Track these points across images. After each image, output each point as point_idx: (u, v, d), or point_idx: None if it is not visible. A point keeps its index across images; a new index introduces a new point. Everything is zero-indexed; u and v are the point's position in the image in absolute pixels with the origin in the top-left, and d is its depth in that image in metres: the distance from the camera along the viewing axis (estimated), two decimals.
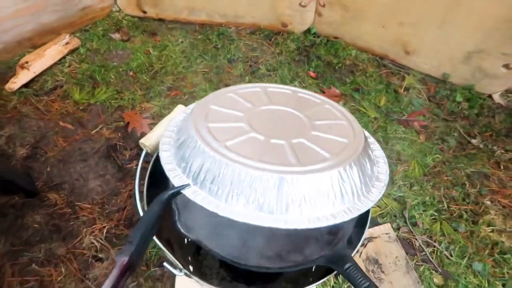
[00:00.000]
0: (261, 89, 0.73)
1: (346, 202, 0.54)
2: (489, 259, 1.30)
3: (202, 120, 0.61)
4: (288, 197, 0.52)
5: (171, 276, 1.21)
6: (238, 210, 0.52)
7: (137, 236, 0.47)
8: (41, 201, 1.35)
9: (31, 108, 1.60)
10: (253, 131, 0.60)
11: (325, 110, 0.68)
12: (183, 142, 0.61)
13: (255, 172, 0.51)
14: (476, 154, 1.58)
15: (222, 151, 0.54)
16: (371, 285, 0.62)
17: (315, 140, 0.59)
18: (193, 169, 0.56)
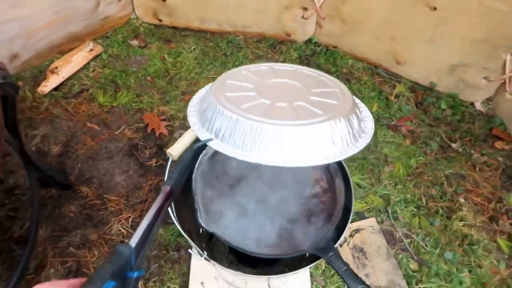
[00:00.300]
0: (268, 67, 0.88)
1: (337, 148, 0.67)
2: (459, 249, 1.51)
3: (221, 91, 0.76)
4: (290, 143, 0.64)
5: (187, 259, 1.43)
6: (251, 155, 0.65)
7: (175, 173, 0.64)
8: (74, 194, 1.56)
9: (61, 109, 1.81)
10: (262, 98, 0.74)
11: (321, 81, 0.83)
12: (206, 108, 0.74)
13: (263, 125, 0.64)
14: (455, 157, 1.78)
15: (237, 112, 0.68)
16: (348, 269, 0.83)
17: (311, 103, 0.72)
18: (215, 127, 0.70)
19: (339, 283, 1.39)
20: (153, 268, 1.40)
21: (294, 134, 0.64)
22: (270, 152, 0.65)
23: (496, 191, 1.68)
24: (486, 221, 1.59)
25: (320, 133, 0.66)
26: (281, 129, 0.64)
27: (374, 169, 1.70)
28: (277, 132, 0.64)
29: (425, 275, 1.43)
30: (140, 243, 0.48)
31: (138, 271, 0.45)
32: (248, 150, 0.65)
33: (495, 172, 1.74)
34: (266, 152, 0.65)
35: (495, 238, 1.54)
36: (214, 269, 1.38)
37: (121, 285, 0.41)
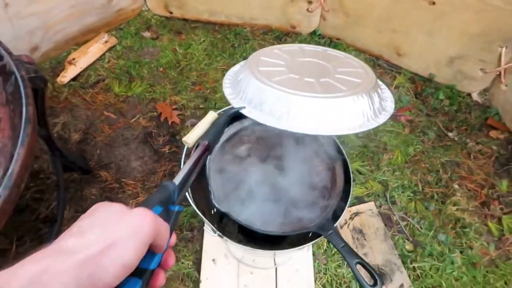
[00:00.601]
0: (299, 48, 0.96)
1: (358, 121, 0.73)
2: (452, 232, 1.62)
3: (255, 65, 0.83)
4: (315, 114, 0.70)
5: (199, 238, 1.55)
6: (279, 122, 0.72)
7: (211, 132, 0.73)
8: (94, 178, 1.69)
9: (80, 99, 1.92)
10: (291, 73, 0.80)
11: (347, 62, 0.90)
12: (240, 79, 0.82)
13: (291, 96, 0.71)
14: (451, 146, 1.88)
15: (269, 83, 0.75)
16: (345, 245, 0.94)
17: (337, 80, 0.78)
18: (248, 97, 0.77)
19: (339, 262, 1.51)
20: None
21: (319, 105, 0.70)
22: (296, 120, 0.70)
23: (489, 178, 1.78)
24: (478, 206, 1.70)
25: (343, 106, 0.71)
26: (307, 100, 0.70)
27: (374, 156, 1.81)
28: (303, 103, 0.71)
29: (419, 255, 1.55)
30: (182, 183, 0.54)
31: (179, 207, 0.49)
32: (277, 118, 0.72)
33: (488, 160, 1.84)
34: (293, 120, 0.70)
35: (486, 222, 1.65)
36: (224, 247, 1.50)
37: (165, 213, 0.46)
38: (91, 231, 0.38)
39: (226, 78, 0.91)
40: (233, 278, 1.44)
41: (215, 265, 1.47)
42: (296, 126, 0.70)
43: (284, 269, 1.47)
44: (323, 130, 0.70)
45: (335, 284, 1.47)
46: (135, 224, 0.39)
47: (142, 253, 0.39)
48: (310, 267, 1.47)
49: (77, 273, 0.34)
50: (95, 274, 0.35)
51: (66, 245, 0.36)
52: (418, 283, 1.48)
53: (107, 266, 0.36)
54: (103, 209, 0.41)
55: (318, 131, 0.70)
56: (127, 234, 0.38)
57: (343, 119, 0.72)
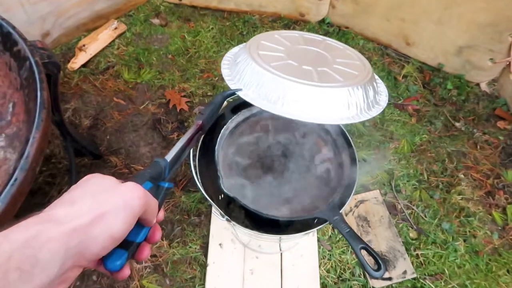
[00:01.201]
0: (299, 35, 0.97)
1: (351, 112, 0.74)
2: (456, 220, 1.64)
3: (254, 48, 0.83)
4: (310, 102, 0.71)
5: (206, 223, 1.59)
6: (275, 107, 0.72)
7: (206, 111, 0.72)
8: (104, 163, 1.72)
9: (90, 85, 1.95)
10: (290, 59, 0.81)
11: (346, 53, 0.91)
12: (239, 62, 0.82)
13: (289, 82, 0.71)
14: (458, 136, 1.89)
15: (267, 68, 0.75)
16: (350, 230, 0.96)
17: (334, 70, 0.79)
18: (245, 79, 0.77)
19: (343, 248, 1.54)
20: (176, 231, 1.56)
21: (314, 93, 0.71)
22: (291, 106, 0.71)
23: (495, 168, 1.79)
24: (483, 195, 1.71)
25: (338, 96, 0.72)
26: (303, 87, 0.71)
27: (380, 145, 1.82)
28: (299, 90, 0.71)
29: (423, 243, 1.57)
30: (173, 160, 0.55)
31: (168, 183, 0.50)
32: (273, 102, 0.72)
33: (495, 150, 1.85)
34: (288, 106, 0.71)
35: (490, 211, 1.67)
36: (231, 232, 1.53)
37: (155, 189, 0.48)
38: (82, 201, 0.39)
39: (225, 59, 0.91)
40: (239, 263, 1.48)
41: (222, 250, 1.50)
42: (290, 112, 0.71)
43: (289, 254, 1.50)
44: (315, 118, 0.71)
45: (339, 269, 1.50)
46: (126, 197, 0.40)
47: (130, 225, 0.40)
48: (315, 253, 1.51)
49: (66, 241, 0.35)
50: (84, 243, 0.36)
51: (57, 213, 0.37)
52: (421, 270, 1.51)
53: (96, 236, 0.37)
54: (94, 180, 0.43)
55: (311, 118, 0.71)
56: (117, 206, 0.39)
57: (336, 109, 0.73)
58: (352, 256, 1.53)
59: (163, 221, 1.59)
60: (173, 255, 1.50)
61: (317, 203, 1.04)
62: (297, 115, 0.71)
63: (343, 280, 1.49)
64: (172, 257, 1.50)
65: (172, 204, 1.62)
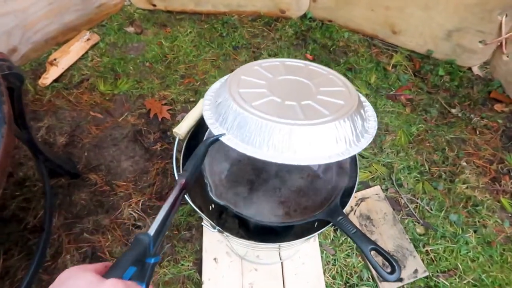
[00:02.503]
0: (280, 63, 0.91)
1: (340, 148, 0.70)
2: (463, 211, 1.54)
3: (235, 87, 0.78)
4: (296, 142, 0.68)
5: (198, 237, 1.47)
6: (260, 151, 0.69)
7: (190, 166, 0.66)
8: (83, 181, 1.59)
9: (64, 100, 1.82)
10: (272, 95, 0.76)
11: (329, 79, 0.85)
12: (220, 103, 0.77)
13: (273, 124, 0.68)
14: (455, 122, 1.80)
15: (249, 109, 0.71)
16: (357, 231, 0.86)
17: (319, 102, 0.75)
18: (228, 122, 0.73)
19: (348, 251, 1.43)
20: (166, 248, 1.43)
21: (300, 133, 0.67)
22: (277, 149, 0.68)
23: (497, 152, 1.70)
24: (488, 182, 1.62)
25: (325, 133, 0.69)
26: (289, 128, 0.67)
27: (376, 139, 1.73)
28: (285, 131, 0.67)
29: (431, 238, 1.47)
30: (158, 232, 0.52)
31: (155, 258, 0.48)
32: (258, 146, 0.69)
33: (495, 134, 1.77)
34: (273, 149, 0.68)
35: (498, 198, 1.57)
36: (226, 245, 1.42)
37: (140, 270, 0.45)
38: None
39: (206, 99, 0.85)
40: (237, 277, 1.36)
41: (217, 265, 1.38)
42: (275, 157, 0.68)
43: (290, 263, 1.39)
44: (303, 160, 0.68)
45: (346, 274, 1.39)
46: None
47: None
48: (318, 259, 1.39)
49: None
50: None
51: None
52: (432, 267, 1.41)
53: None
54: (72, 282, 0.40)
55: (298, 160, 0.67)
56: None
57: (324, 147, 0.69)
58: (359, 259, 1.42)
59: None
60: (164, 276, 1.38)
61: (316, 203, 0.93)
62: (283, 159, 0.67)
63: (350, 286, 1.38)
64: (163, 277, 1.37)
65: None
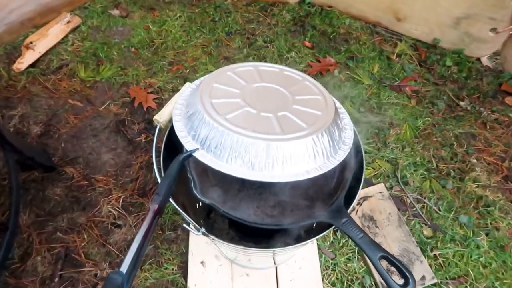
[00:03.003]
0: (254, 68, 0.84)
1: (318, 162, 0.68)
2: (474, 212, 1.42)
3: (207, 96, 0.73)
4: (274, 158, 0.65)
5: (185, 238, 1.33)
6: (236, 168, 0.65)
7: (163, 189, 0.61)
8: (59, 175, 1.45)
9: (40, 87, 1.67)
10: (247, 106, 0.72)
11: (305, 86, 0.81)
12: (192, 114, 0.71)
13: (248, 139, 0.64)
14: (464, 116, 1.68)
15: (223, 123, 0.67)
16: (365, 236, 0.73)
17: (296, 113, 0.72)
18: (200, 137, 0.68)
19: (349, 255, 1.30)
20: (148, 250, 1.30)
21: (278, 149, 0.64)
22: (253, 166, 0.65)
23: (509, 149, 1.58)
24: (500, 180, 1.50)
25: (303, 149, 0.66)
26: (265, 144, 0.64)
27: (379, 132, 1.59)
28: (261, 147, 0.64)
29: (440, 241, 1.34)
30: (131, 267, 0.48)
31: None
32: (233, 163, 0.65)
33: (506, 129, 1.64)
34: (250, 166, 0.65)
35: (511, 198, 1.45)
36: (214, 247, 1.28)
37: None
38: None
39: (176, 108, 0.78)
40: (226, 282, 1.23)
41: (205, 269, 1.25)
42: (252, 174, 0.64)
43: (285, 268, 1.26)
44: (279, 176, 0.65)
45: (346, 281, 1.26)
46: None
47: None
48: (316, 263, 1.27)
49: None
50: None
51: None
52: (441, 274, 1.28)
53: None
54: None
55: (274, 177, 0.64)
56: None
57: (303, 162, 0.66)
58: (361, 264, 1.29)
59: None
60: (145, 280, 1.24)
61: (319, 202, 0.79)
62: (260, 176, 0.64)
63: None
64: (145, 282, 1.24)
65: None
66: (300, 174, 0.65)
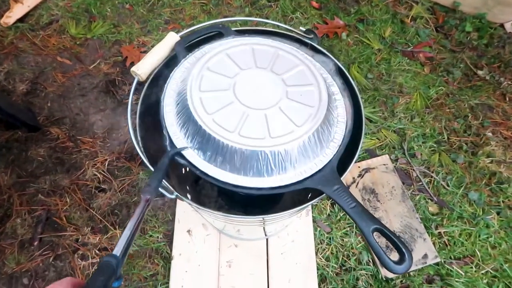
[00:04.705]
0: (249, 47, 0.78)
1: (305, 164, 0.67)
2: (486, 189, 1.31)
3: (196, 88, 0.70)
4: (260, 164, 0.64)
5: (172, 205, 1.26)
6: (224, 173, 0.65)
7: (153, 180, 0.63)
8: (43, 135, 1.37)
9: (28, 43, 1.58)
10: (236, 100, 0.69)
11: (300, 72, 0.75)
12: (182, 110, 0.69)
13: (235, 145, 0.63)
14: (481, 86, 1.54)
15: (209, 125, 0.65)
16: (358, 206, 0.63)
17: (288, 108, 0.69)
18: (189, 134, 0.67)
19: (346, 229, 1.21)
20: None
21: (264, 156, 0.64)
22: (239, 171, 0.65)
23: None
24: None
25: (292, 154, 0.65)
26: (251, 150, 0.63)
27: (387, 101, 1.47)
28: (246, 154, 0.64)
29: (446, 218, 1.24)
30: (123, 251, 0.50)
31: (118, 281, 0.47)
32: (219, 166, 0.66)
33: None
34: (236, 171, 0.65)
35: None
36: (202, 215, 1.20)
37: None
38: None
39: (167, 95, 0.74)
40: (213, 253, 1.16)
41: (191, 238, 1.18)
42: (237, 179, 0.65)
43: (277, 240, 1.18)
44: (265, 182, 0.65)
45: (342, 256, 1.18)
46: None
47: None
48: (310, 236, 1.18)
49: None
50: None
51: None
52: (445, 253, 1.19)
53: None
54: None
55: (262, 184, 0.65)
56: None
57: (289, 168, 0.66)
58: (358, 239, 1.20)
59: (116, 205, 1.26)
60: None
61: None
62: (245, 182, 0.65)
63: (347, 269, 1.16)
64: None
65: (128, 183, 1.29)
66: (286, 179, 0.66)
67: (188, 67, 0.77)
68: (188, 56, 0.80)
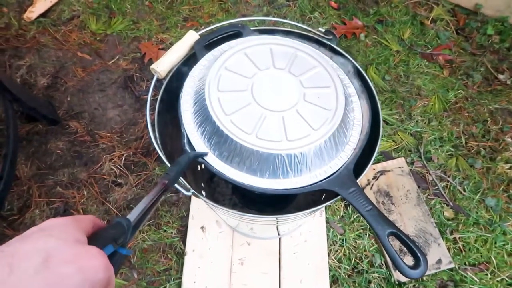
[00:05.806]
0: (267, 46, 0.78)
1: (321, 167, 0.67)
2: (504, 195, 1.29)
3: (215, 88, 0.70)
4: (276, 166, 0.65)
5: (186, 201, 1.27)
6: (241, 174, 0.66)
7: (173, 171, 0.61)
8: (63, 129, 1.40)
9: (50, 38, 1.61)
10: (254, 101, 0.69)
11: (318, 74, 0.75)
12: (200, 109, 0.69)
13: (253, 147, 0.64)
14: (502, 90, 1.51)
15: (229, 126, 0.65)
16: (373, 209, 0.63)
17: (305, 111, 0.69)
18: (206, 133, 0.68)
19: (360, 231, 1.21)
20: None
21: (281, 158, 0.65)
22: (255, 173, 0.66)
23: None
24: None
25: (308, 156, 0.66)
26: (268, 153, 0.64)
27: (404, 103, 1.46)
28: (264, 156, 0.64)
29: (462, 224, 1.23)
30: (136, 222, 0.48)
31: (127, 250, 0.45)
32: (237, 168, 0.67)
33: None
34: (252, 172, 0.66)
35: None
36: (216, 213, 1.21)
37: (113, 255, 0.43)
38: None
39: (185, 93, 0.74)
40: (226, 250, 1.16)
41: (204, 234, 1.19)
42: (257, 182, 0.66)
43: (290, 239, 1.18)
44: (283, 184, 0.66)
45: (354, 258, 1.17)
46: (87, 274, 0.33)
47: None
48: (323, 237, 1.18)
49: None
50: None
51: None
52: (459, 258, 1.18)
53: None
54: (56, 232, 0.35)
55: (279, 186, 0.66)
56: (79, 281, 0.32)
57: (305, 170, 0.67)
58: (372, 241, 1.19)
59: (132, 200, 1.27)
60: (142, 242, 1.19)
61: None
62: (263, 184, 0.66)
63: (359, 272, 1.16)
64: (142, 244, 1.19)
65: (144, 178, 1.30)
66: (302, 181, 0.67)
67: (207, 66, 0.77)
68: (206, 55, 0.80)
